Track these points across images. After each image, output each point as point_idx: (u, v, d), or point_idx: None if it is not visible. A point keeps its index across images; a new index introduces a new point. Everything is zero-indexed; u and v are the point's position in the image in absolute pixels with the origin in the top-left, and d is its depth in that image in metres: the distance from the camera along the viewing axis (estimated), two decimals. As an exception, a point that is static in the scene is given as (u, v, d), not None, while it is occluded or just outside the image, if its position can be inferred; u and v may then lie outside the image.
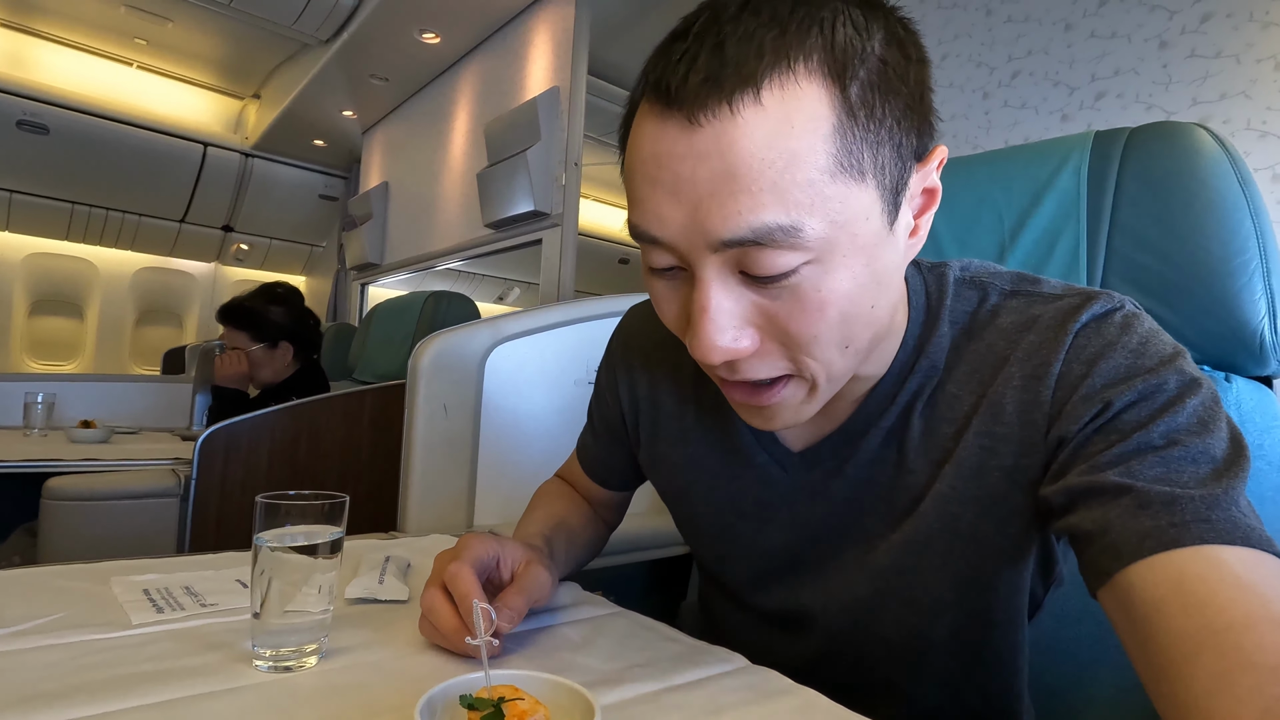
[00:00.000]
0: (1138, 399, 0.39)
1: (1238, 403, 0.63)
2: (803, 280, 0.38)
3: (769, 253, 0.37)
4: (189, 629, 0.50)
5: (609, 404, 0.67)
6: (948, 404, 0.48)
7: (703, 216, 0.37)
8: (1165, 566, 0.33)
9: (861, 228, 0.38)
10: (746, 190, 0.35)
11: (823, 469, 0.52)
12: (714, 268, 0.39)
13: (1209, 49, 1.34)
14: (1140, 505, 0.35)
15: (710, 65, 0.35)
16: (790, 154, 0.35)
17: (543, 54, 2.58)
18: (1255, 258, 0.61)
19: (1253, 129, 1.28)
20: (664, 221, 0.38)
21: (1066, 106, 1.53)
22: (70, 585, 0.57)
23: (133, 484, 1.49)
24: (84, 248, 4.75)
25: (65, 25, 3.69)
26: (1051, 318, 0.45)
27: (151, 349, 4.90)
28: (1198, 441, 0.37)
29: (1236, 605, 0.31)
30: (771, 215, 0.36)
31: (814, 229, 0.36)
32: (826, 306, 0.39)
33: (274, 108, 4.01)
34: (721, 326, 0.39)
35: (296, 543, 0.45)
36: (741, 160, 0.35)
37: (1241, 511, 0.35)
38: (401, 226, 3.58)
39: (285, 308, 2.01)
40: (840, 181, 0.36)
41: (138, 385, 2.80)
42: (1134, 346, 0.41)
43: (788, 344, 0.41)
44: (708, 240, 0.37)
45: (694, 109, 0.36)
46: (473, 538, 0.54)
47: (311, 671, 0.44)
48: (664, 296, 0.44)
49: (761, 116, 0.35)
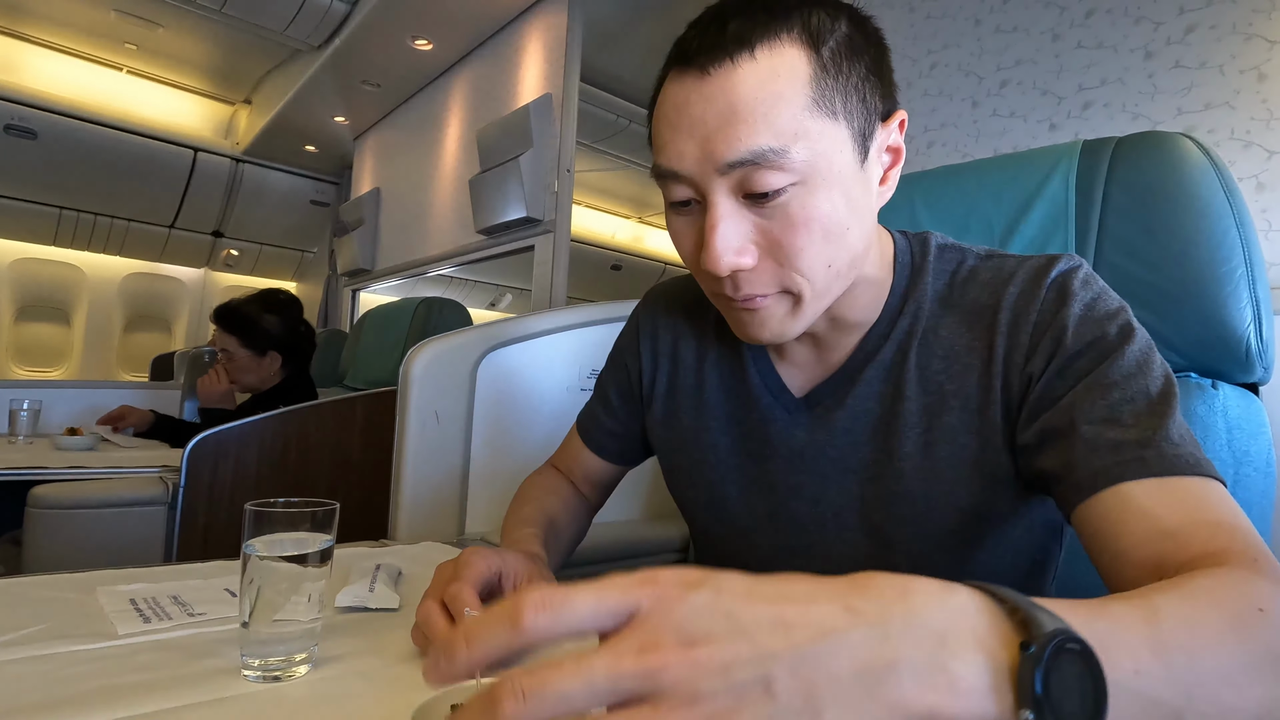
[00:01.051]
0: (1085, 347, 0.48)
1: (1225, 409, 0.63)
2: (790, 199, 0.47)
3: (764, 172, 0.46)
4: (176, 639, 0.49)
5: (626, 367, 0.73)
6: (940, 344, 0.55)
7: (711, 146, 0.46)
8: (1111, 498, 0.43)
9: (836, 159, 0.48)
10: (744, 121, 0.45)
11: (824, 407, 0.58)
12: (721, 191, 0.48)
13: (1193, 60, 1.36)
14: (1091, 449, 0.44)
15: (717, 36, 0.47)
16: (777, 94, 0.46)
17: (535, 61, 2.58)
18: (1241, 265, 0.61)
19: (1237, 138, 1.30)
20: (682, 156, 0.48)
21: (1054, 116, 1.55)
22: (55, 595, 0.57)
23: (120, 492, 1.48)
24: (72, 253, 4.72)
25: (54, 30, 3.67)
26: (1027, 272, 0.53)
27: (140, 355, 4.86)
28: (1134, 383, 0.46)
29: (1140, 528, 0.41)
30: (764, 140, 0.45)
31: (798, 153, 0.46)
32: (811, 222, 0.48)
33: (265, 113, 4.00)
34: (728, 241, 0.48)
35: (286, 551, 0.45)
36: (740, 99, 0.45)
37: (1172, 443, 0.43)
38: (393, 232, 3.57)
39: (280, 317, 2.00)
40: (817, 118, 0.46)
41: (126, 392, 2.77)
42: (1088, 300, 0.50)
43: (780, 259, 0.49)
44: (715, 164, 0.47)
45: (705, 62, 0.46)
46: (474, 554, 0.54)
47: (301, 681, 0.44)
48: (682, 230, 0.52)
49: (754, 67, 0.46)
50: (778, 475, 0.60)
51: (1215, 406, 0.63)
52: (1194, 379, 0.66)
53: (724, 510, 0.64)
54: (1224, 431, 0.63)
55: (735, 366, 0.64)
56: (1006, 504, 0.53)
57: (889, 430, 0.55)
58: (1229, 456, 0.62)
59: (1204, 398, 0.63)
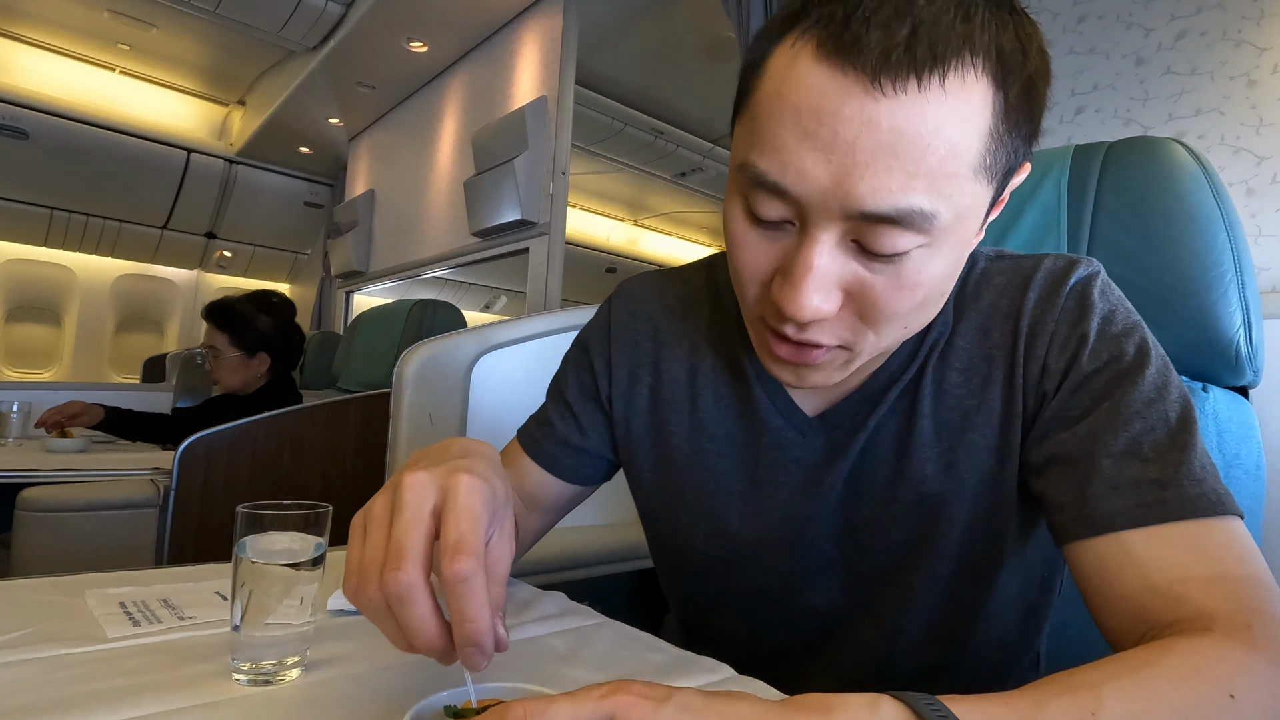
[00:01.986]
0: (1102, 366, 0.45)
1: (1215, 413, 0.64)
2: (909, 260, 0.39)
3: (897, 232, 0.37)
4: (166, 642, 0.49)
5: (594, 370, 0.63)
6: (957, 356, 0.50)
7: (851, 184, 0.36)
8: (1112, 543, 0.40)
9: (970, 222, 0.40)
10: (905, 169, 0.36)
11: (842, 429, 0.53)
12: (834, 232, 0.39)
13: (1184, 66, 1.37)
14: (1111, 485, 0.41)
15: (904, 34, 0.34)
16: (952, 144, 0.36)
17: (531, 63, 2.58)
18: (1230, 270, 0.62)
19: (1226, 144, 1.31)
20: (804, 177, 0.37)
21: (1047, 120, 1.55)
22: (43, 598, 0.56)
23: (110, 495, 1.47)
24: (63, 254, 4.69)
25: (47, 30, 3.66)
26: (1045, 276, 0.49)
27: (132, 357, 4.84)
28: (1155, 410, 0.42)
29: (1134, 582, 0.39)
30: (919, 199, 0.36)
31: (944, 218, 0.37)
32: (919, 288, 0.40)
33: (259, 114, 3.99)
34: (823, 288, 0.40)
35: (278, 554, 0.45)
36: (910, 138, 0.35)
37: (1194, 479, 0.40)
38: (387, 234, 3.57)
39: (274, 319, 1.98)
40: (978, 180, 0.38)
41: (117, 394, 2.76)
42: (1105, 313, 0.46)
43: (865, 315, 0.42)
44: (845, 208, 0.37)
45: (881, 75, 0.35)
46: (474, 489, 0.36)
47: (293, 685, 0.44)
48: (755, 246, 0.43)
49: (941, 101, 0.35)
50: (791, 502, 0.54)
51: (1205, 410, 0.63)
52: (1185, 382, 0.66)
53: (728, 540, 0.57)
54: (1214, 435, 0.63)
55: (734, 384, 0.57)
56: (1022, 522, 0.51)
57: (906, 449, 0.51)
58: (1219, 459, 0.63)
59: (1194, 401, 0.64)
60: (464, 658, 0.34)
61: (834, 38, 0.36)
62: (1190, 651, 0.33)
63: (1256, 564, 0.39)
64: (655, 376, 0.60)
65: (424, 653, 0.35)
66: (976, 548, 0.51)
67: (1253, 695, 0.32)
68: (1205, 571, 0.38)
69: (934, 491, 0.50)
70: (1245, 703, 0.32)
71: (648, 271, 0.67)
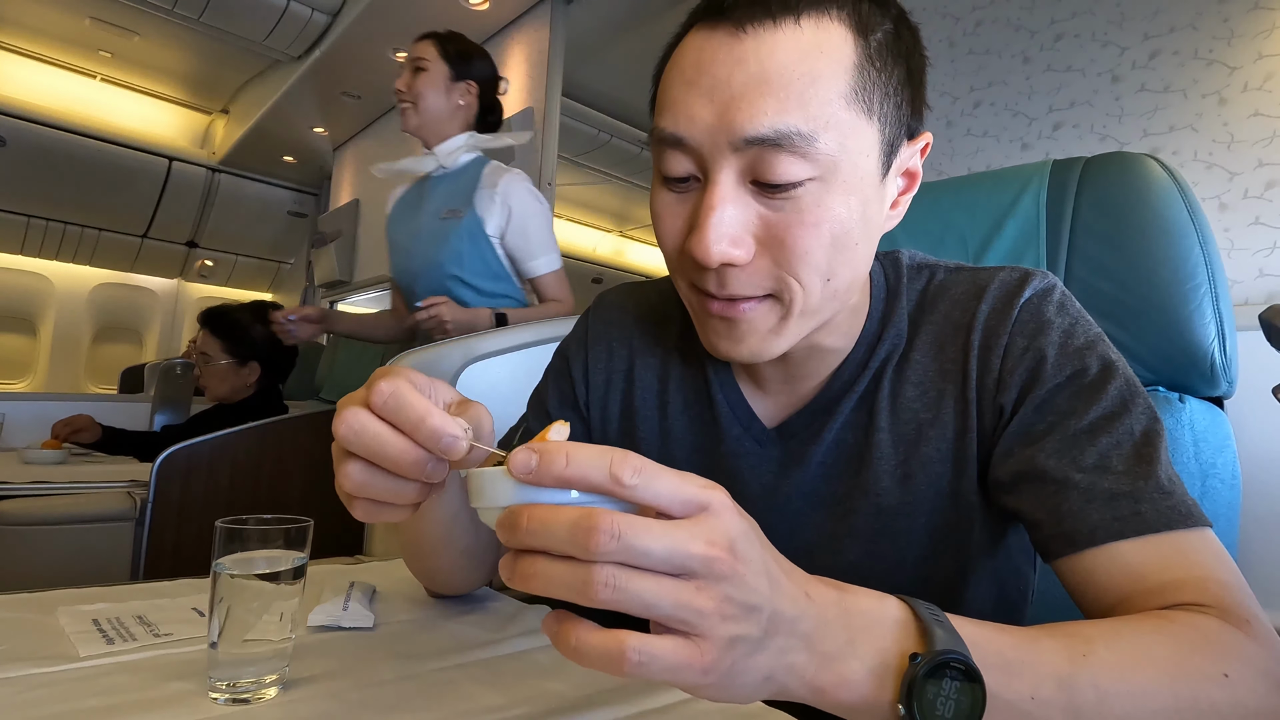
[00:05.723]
0: (1065, 380, 0.46)
1: (1191, 423, 0.65)
2: (805, 194, 0.42)
3: (783, 158, 0.41)
4: (141, 660, 0.48)
5: (572, 378, 0.64)
6: (913, 369, 0.52)
7: (731, 115, 0.41)
8: (1102, 555, 0.41)
9: (861, 162, 0.43)
10: (775, 94, 0.40)
11: (798, 440, 0.54)
12: (729, 169, 0.42)
13: (1158, 84, 1.40)
14: (1086, 500, 0.42)
15: None
16: (816, 73, 0.41)
17: (517, 75, 2.59)
18: (1204, 283, 0.63)
19: (1199, 160, 1.34)
20: (693, 120, 0.42)
21: (1026, 135, 1.59)
22: (12, 616, 0.55)
23: (85, 508, 1.44)
24: (40, 262, 4.62)
25: (27, 36, 3.62)
26: (999, 288, 0.50)
27: (109, 367, 4.76)
28: (1121, 424, 0.44)
29: (1131, 589, 0.40)
30: (794, 120, 0.40)
31: (826, 143, 0.41)
32: (821, 224, 0.43)
33: (243, 123, 3.96)
34: (726, 227, 0.42)
35: (257, 569, 0.44)
36: (776, 68, 0.40)
37: (1164, 491, 0.41)
38: (372, 243, 3.55)
39: (269, 330, 1.97)
40: (853, 110, 0.42)
41: (94, 405, 2.71)
42: (1065, 328, 0.47)
43: (779, 259, 0.44)
44: (731, 138, 0.41)
45: (741, 18, 0.41)
46: (389, 370, 0.38)
47: (271, 703, 0.43)
48: (669, 208, 0.46)
49: (797, 35, 0.41)
50: (750, 513, 0.53)
51: (1182, 420, 0.64)
52: (1161, 393, 0.67)
53: None
54: (1190, 444, 0.64)
55: (700, 392, 0.58)
56: (984, 535, 0.51)
57: (862, 462, 0.51)
58: (1196, 469, 0.64)
59: (1171, 411, 0.65)
60: (443, 452, 0.35)
61: (711, 9, 0.43)
62: (1190, 626, 0.35)
63: (1235, 570, 0.40)
64: (628, 383, 0.62)
65: (410, 470, 0.36)
66: (938, 560, 0.51)
67: (1247, 679, 0.33)
68: (1193, 575, 0.39)
69: (891, 505, 0.51)
70: (1239, 684, 0.33)
71: (626, 283, 0.68)
